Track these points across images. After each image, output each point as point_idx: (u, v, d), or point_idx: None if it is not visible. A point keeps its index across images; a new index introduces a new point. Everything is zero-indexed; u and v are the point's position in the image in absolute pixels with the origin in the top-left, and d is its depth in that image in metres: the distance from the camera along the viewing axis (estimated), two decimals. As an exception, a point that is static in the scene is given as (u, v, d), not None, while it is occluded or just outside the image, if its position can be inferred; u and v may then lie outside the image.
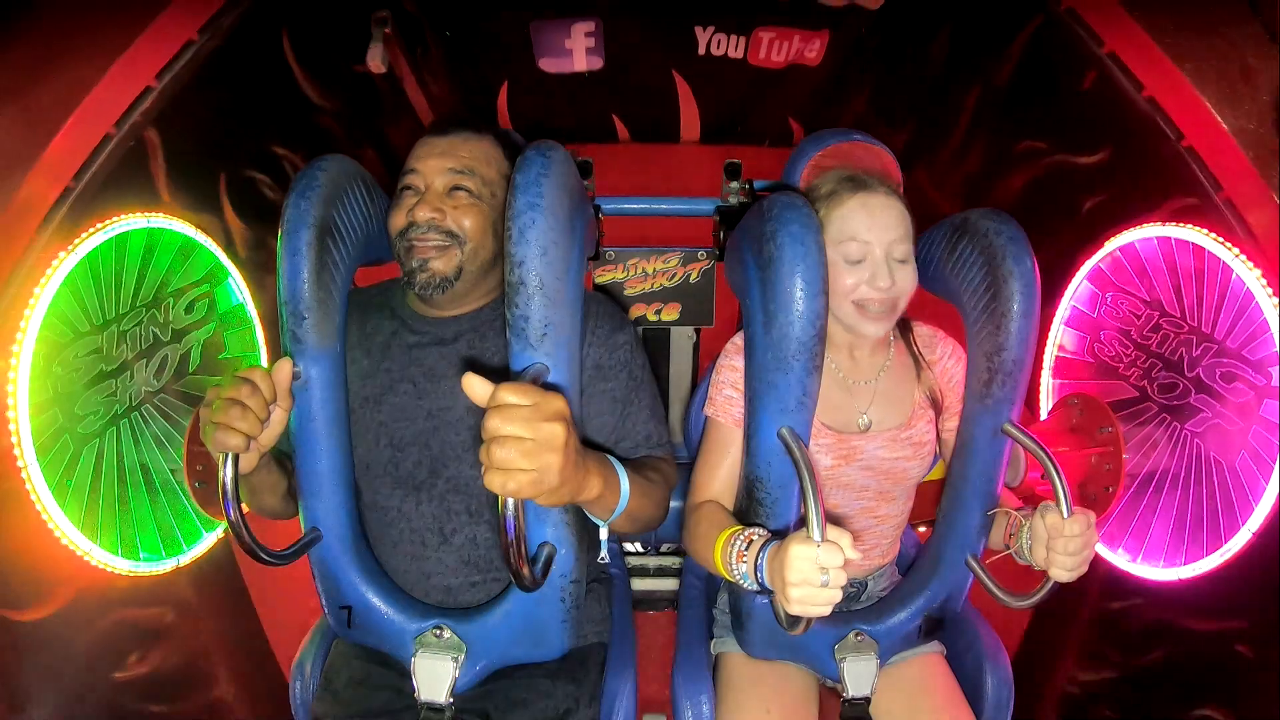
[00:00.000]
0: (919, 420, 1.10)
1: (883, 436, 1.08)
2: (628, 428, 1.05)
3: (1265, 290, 0.98)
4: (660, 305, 1.78)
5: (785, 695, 1.08)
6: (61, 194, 0.93)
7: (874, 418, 1.09)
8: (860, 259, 1.00)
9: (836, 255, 1.00)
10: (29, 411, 0.91)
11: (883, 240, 1.00)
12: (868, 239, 1.00)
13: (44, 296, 0.92)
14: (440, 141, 1.05)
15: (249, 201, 1.30)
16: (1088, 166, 1.29)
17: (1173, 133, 1.08)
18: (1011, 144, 1.47)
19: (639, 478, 0.95)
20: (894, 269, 1.00)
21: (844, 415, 1.08)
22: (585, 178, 1.57)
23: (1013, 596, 0.98)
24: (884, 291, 0.99)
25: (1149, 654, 1.22)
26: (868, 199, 1.01)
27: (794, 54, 1.73)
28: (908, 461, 1.09)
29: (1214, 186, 1.04)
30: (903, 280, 1.01)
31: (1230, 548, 1.05)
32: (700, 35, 1.70)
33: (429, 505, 1.03)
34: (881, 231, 1.00)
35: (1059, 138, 1.36)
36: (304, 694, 1.12)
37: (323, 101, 1.47)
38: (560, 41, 1.70)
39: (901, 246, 1.01)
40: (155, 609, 1.13)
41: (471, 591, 1.05)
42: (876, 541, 1.15)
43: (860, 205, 1.01)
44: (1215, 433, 1.07)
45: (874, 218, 1.00)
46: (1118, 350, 1.23)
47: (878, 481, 1.10)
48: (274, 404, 0.87)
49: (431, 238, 1.00)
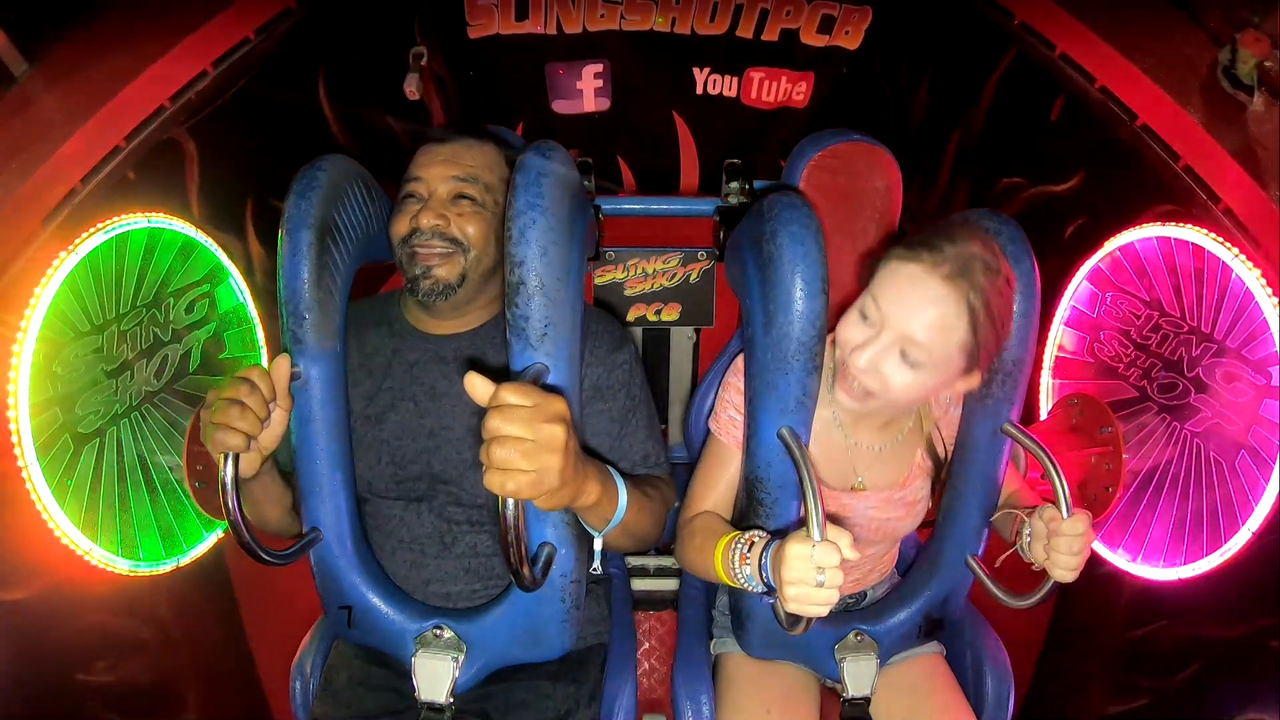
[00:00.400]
0: (914, 480, 1.06)
1: (876, 497, 1.04)
2: (625, 447, 1.05)
3: (1265, 290, 0.98)
4: (660, 305, 1.78)
5: (785, 695, 1.08)
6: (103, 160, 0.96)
7: (869, 479, 1.04)
8: (871, 323, 0.88)
9: (858, 302, 0.90)
10: (29, 411, 0.91)
11: (901, 324, 0.84)
12: (886, 314, 0.86)
13: (44, 296, 0.92)
14: (443, 149, 1.05)
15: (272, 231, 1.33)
16: (1064, 193, 1.34)
17: (1126, 115, 1.10)
18: (991, 184, 1.51)
19: (637, 491, 0.95)
20: (891, 361, 0.86)
21: (838, 472, 1.03)
22: (585, 178, 1.58)
23: (1013, 596, 0.98)
24: (859, 370, 0.88)
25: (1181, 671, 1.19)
26: (928, 283, 0.83)
27: (783, 95, 1.84)
28: (899, 521, 1.07)
29: (1172, 157, 1.06)
30: (895, 379, 0.86)
31: (1230, 548, 1.05)
32: (698, 75, 1.81)
33: (429, 515, 1.03)
34: (906, 320, 0.84)
35: (1035, 171, 1.40)
36: (304, 694, 1.12)
37: (348, 146, 1.52)
38: (572, 83, 1.80)
39: (918, 350, 0.84)
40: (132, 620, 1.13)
41: (471, 599, 1.05)
42: (866, 573, 1.15)
43: (911, 279, 0.84)
44: (1215, 433, 1.07)
45: (911, 304, 0.84)
46: (1117, 350, 1.23)
47: (867, 535, 1.07)
48: (274, 403, 0.87)
49: (435, 244, 1.00)
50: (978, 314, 0.83)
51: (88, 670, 1.06)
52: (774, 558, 0.77)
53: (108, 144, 0.96)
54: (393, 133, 1.65)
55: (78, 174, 0.94)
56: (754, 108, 1.85)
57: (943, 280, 0.83)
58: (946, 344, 0.84)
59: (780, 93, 1.83)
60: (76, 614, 1.03)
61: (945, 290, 0.83)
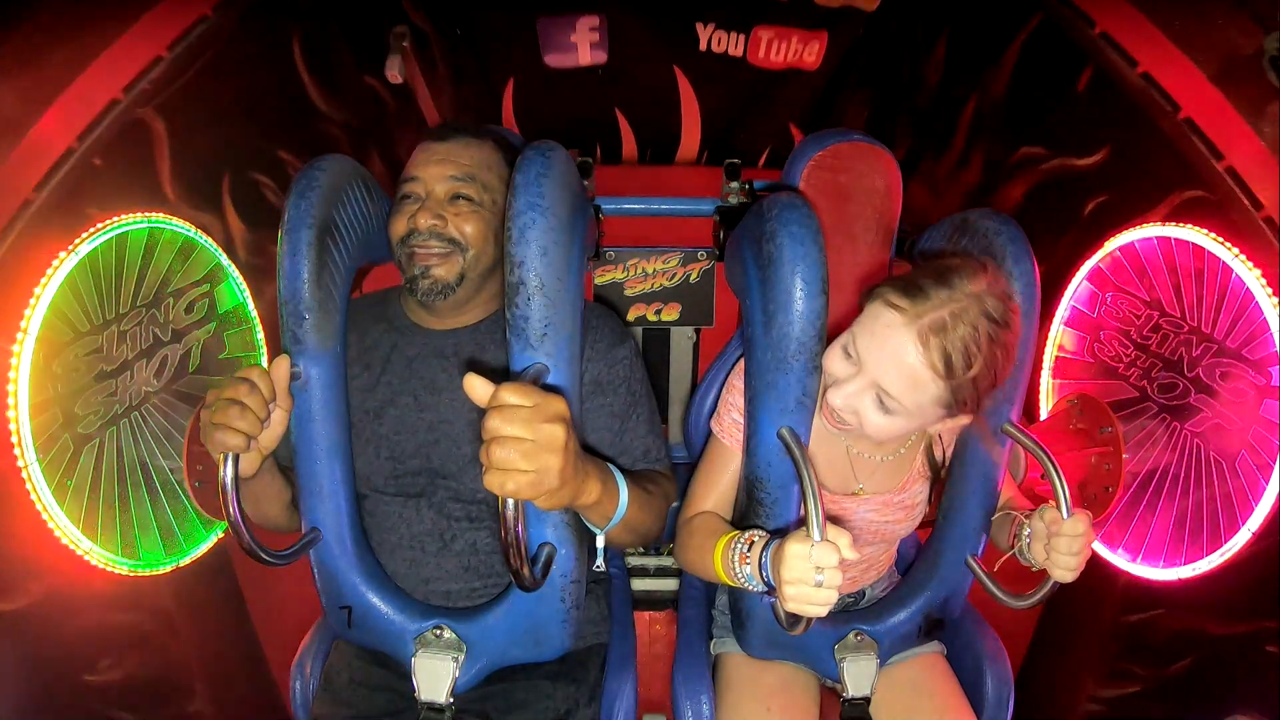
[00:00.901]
0: (913, 484, 1.07)
1: (875, 500, 1.05)
2: (626, 442, 1.05)
3: (1265, 290, 0.98)
4: (660, 305, 1.78)
5: (785, 695, 1.08)
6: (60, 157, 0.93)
7: (868, 485, 1.05)
8: (851, 361, 0.88)
9: (846, 333, 0.89)
10: (29, 411, 0.91)
11: (875, 371, 0.84)
12: (863, 356, 0.86)
13: (44, 296, 0.92)
14: (440, 147, 1.05)
15: (251, 204, 1.30)
16: (1088, 168, 1.27)
17: (1170, 105, 1.03)
18: (1010, 152, 1.44)
19: (638, 488, 0.95)
20: (868, 405, 0.86)
21: (838, 478, 1.04)
22: (585, 178, 1.57)
23: (1013, 596, 0.98)
24: (836, 408, 0.89)
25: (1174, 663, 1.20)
26: (902, 338, 0.81)
27: (793, 56, 1.75)
28: (897, 524, 1.08)
29: (1214, 155, 0.99)
30: (871, 421, 0.86)
31: (1230, 548, 1.04)
32: (701, 32, 1.71)
33: (428, 512, 1.03)
34: (877, 367, 0.84)
35: (1057, 142, 1.33)
36: (304, 694, 1.12)
37: (329, 110, 1.47)
38: (565, 36, 1.72)
39: (890, 400, 0.84)
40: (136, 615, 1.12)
41: (471, 598, 1.05)
42: (864, 571, 1.15)
43: (889, 328, 0.83)
44: (1215, 433, 1.07)
45: (884, 353, 0.83)
46: (1118, 350, 1.23)
47: (865, 538, 1.08)
48: (274, 403, 0.87)
49: (433, 245, 1.00)
50: (956, 369, 0.80)
51: (94, 670, 1.06)
52: (773, 557, 0.77)
53: (70, 135, 0.94)
54: (375, 91, 1.58)
55: (42, 166, 0.91)
56: (761, 68, 1.76)
57: (917, 336, 0.80)
58: (918, 397, 0.83)
59: (790, 53, 1.74)
60: (79, 614, 1.03)
61: (917, 347, 0.81)
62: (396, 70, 1.50)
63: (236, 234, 1.29)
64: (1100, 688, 1.29)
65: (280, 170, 1.39)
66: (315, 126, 1.47)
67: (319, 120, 1.47)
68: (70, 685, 1.04)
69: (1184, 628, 1.16)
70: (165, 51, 1.02)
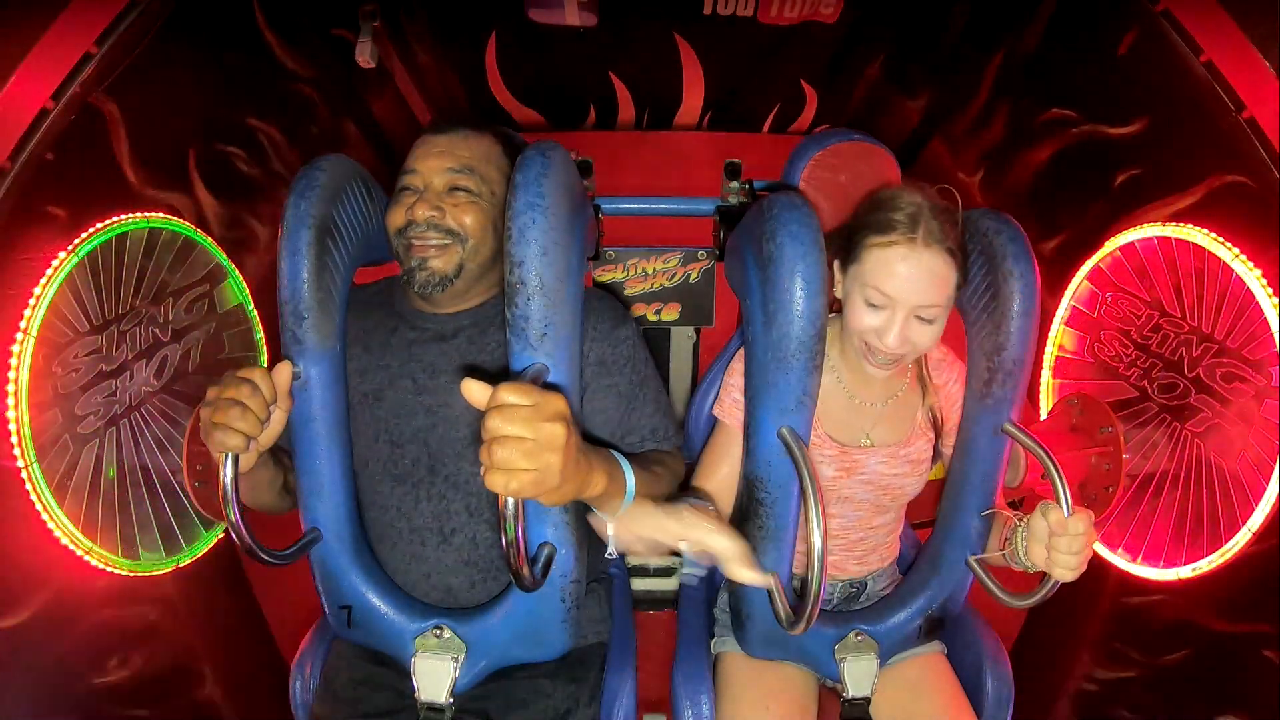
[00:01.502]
0: (918, 439, 1.10)
1: (883, 452, 1.08)
2: (633, 422, 1.05)
3: (1265, 290, 0.98)
4: (660, 305, 1.78)
5: (785, 695, 1.08)
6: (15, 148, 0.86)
7: (876, 436, 1.09)
8: (880, 307, 0.96)
9: (858, 291, 0.97)
10: (29, 411, 0.91)
11: (910, 301, 0.94)
12: (895, 295, 0.94)
13: (44, 296, 0.92)
14: (439, 140, 1.05)
15: (222, 176, 1.25)
16: (1122, 138, 1.18)
17: (1233, 103, 0.96)
18: (1037, 113, 1.34)
19: (645, 472, 0.94)
20: (913, 328, 0.95)
21: (849, 431, 1.09)
22: (585, 178, 1.57)
23: (1013, 596, 0.98)
24: (892, 349, 0.96)
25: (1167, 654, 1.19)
26: (914, 256, 0.93)
27: (808, 9, 1.60)
28: (905, 478, 1.10)
29: (1270, 156, 0.93)
30: (921, 339, 0.96)
31: (1230, 548, 1.04)
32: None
33: (428, 503, 1.03)
34: (913, 294, 0.94)
35: (1090, 107, 1.23)
36: (304, 694, 1.12)
37: (300, 69, 1.39)
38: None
39: (930, 310, 0.95)
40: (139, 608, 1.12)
41: (471, 592, 1.04)
42: (874, 547, 1.16)
43: (902, 259, 0.93)
44: (1215, 433, 1.07)
45: (911, 280, 0.93)
46: (1118, 350, 1.23)
47: (875, 496, 1.10)
48: (274, 404, 0.87)
49: (431, 236, 1.00)
50: (955, 252, 0.95)
51: (104, 671, 1.06)
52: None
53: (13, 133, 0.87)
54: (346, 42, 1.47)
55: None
56: (773, 25, 1.62)
57: (925, 248, 0.93)
58: (949, 289, 0.95)
59: (805, 6, 1.59)
60: (83, 615, 1.03)
61: (931, 255, 0.93)
62: (368, 54, 1.40)
63: (209, 209, 1.23)
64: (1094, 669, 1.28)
65: (250, 138, 1.32)
66: (284, 87, 1.39)
67: (287, 80, 1.39)
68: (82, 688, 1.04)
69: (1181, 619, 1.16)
70: (93, 47, 0.92)
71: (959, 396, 1.09)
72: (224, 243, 1.24)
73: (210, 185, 1.21)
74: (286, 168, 1.41)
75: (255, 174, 1.34)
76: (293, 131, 1.41)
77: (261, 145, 1.35)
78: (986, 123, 1.51)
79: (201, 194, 1.21)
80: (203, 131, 1.21)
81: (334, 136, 1.58)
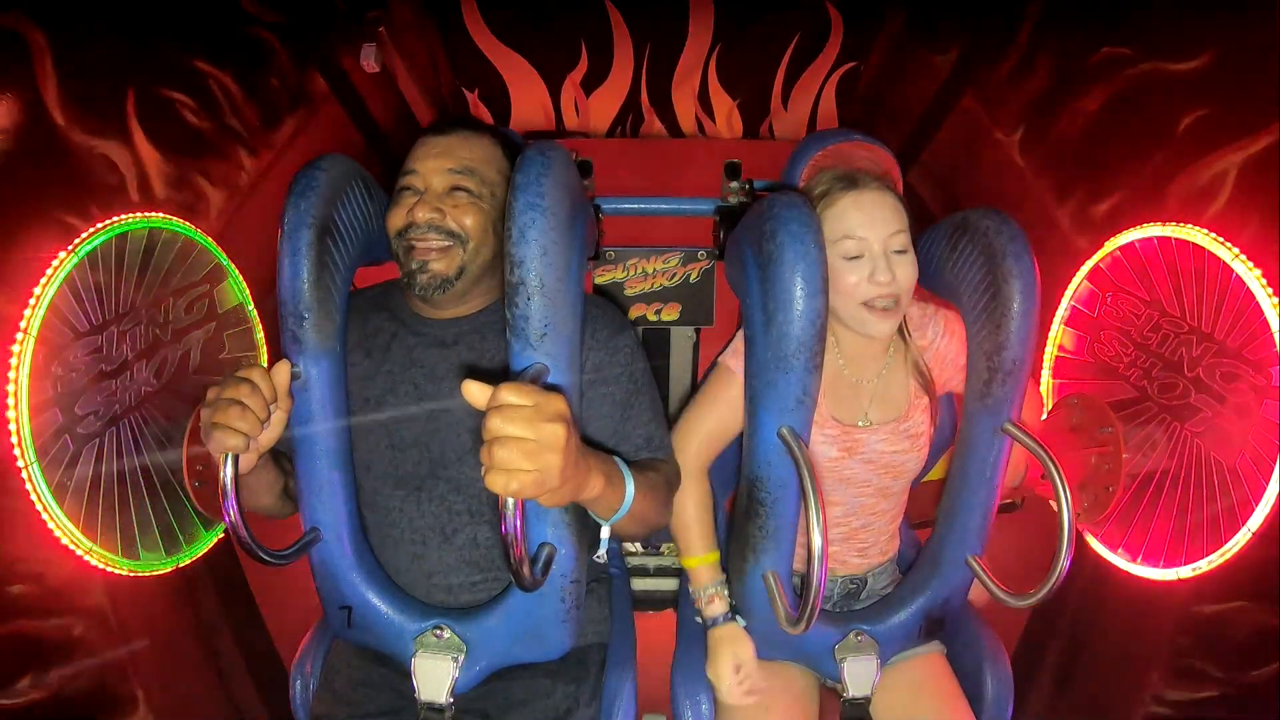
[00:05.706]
0: (915, 412, 1.11)
1: (883, 429, 1.09)
2: (628, 430, 1.05)
3: (1265, 290, 0.98)
4: (660, 305, 1.78)
5: (785, 695, 1.08)
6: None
7: (874, 415, 1.10)
8: (858, 255, 1.00)
9: (835, 255, 1.00)
10: (29, 411, 0.91)
11: (879, 235, 1.00)
12: (864, 235, 1.00)
13: (44, 296, 0.92)
14: (439, 141, 1.05)
15: (165, 127, 1.12)
16: (1185, 74, 1.06)
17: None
18: (1087, 53, 1.22)
19: (642, 478, 0.94)
20: (893, 262, 1.00)
21: (849, 410, 1.10)
22: (585, 178, 1.57)
23: (1013, 596, 0.99)
24: (885, 286, 0.99)
25: None
26: (860, 196, 1.02)
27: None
28: (906, 454, 1.11)
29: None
30: (903, 273, 1.01)
31: (1231, 548, 1.04)
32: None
33: (430, 505, 1.03)
34: (877, 226, 1.00)
35: (1147, 41, 1.12)
36: (304, 694, 1.12)
37: (259, 11, 1.27)
38: None
39: (899, 239, 1.01)
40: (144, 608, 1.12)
41: (472, 591, 1.04)
42: (875, 539, 1.16)
43: (853, 203, 1.02)
44: (1215, 433, 1.07)
45: (868, 213, 1.01)
46: (1118, 350, 1.23)
47: (878, 476, 1.10)
48: (274, 404, 0.87)
49: (431, 238, 1.00)
50: (891, 185, 1.07)
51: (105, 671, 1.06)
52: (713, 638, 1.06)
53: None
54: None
55: None
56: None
57: (867, 189, 1.03)
58: (904, 215, 1.04)
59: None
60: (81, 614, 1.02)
61: (876, 190, 1.03)
62: (373, 58, 1.37)
63: (150, 163, 1.10)
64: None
65: (199, 84, 1.19)
66: (242, 31, 1.28)
67: (246, 23, 1.28)
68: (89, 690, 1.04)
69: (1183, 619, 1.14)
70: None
71: (951, 352, 1.12)
72: (169, 205, 1.13)
73: (151, 135, 1.09)
74: (243, 124, 1.28)
75: (204, 126, 1.22)
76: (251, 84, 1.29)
77: (212, 93, 1.22)
78: (1028, 71, 1.36)
79: (141, 144, 1.08)
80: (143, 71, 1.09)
81: (297, 92, 1.42)
